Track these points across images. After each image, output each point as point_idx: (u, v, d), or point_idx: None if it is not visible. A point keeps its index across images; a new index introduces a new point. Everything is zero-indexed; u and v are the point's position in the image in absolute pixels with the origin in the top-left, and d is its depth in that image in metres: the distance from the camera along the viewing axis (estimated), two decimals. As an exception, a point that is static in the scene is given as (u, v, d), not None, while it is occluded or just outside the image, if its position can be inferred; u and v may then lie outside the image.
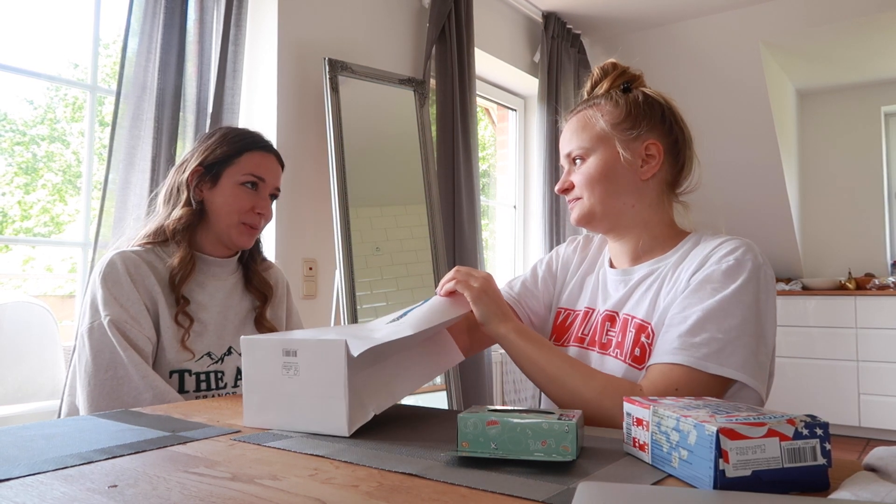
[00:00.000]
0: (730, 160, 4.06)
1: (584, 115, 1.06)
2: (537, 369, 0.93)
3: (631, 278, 1.04)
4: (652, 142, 1.03)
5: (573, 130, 1.07)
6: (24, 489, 0.55)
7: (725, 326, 0.87)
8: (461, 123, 2.86)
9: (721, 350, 0.86)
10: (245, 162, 1.29)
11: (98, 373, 1.11)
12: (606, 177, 1.02)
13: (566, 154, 1.08)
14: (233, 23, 2.09)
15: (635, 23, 3.81)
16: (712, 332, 0.87)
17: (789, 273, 4.63)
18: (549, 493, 0.53)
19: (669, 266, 0.99)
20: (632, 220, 1.04)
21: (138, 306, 1.17)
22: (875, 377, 3.84)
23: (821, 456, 0.53)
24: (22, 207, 2.90)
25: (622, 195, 1.02)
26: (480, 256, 2.91)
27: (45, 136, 2.78)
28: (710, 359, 0.85)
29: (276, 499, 0.52)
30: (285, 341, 0.79)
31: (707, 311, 0.88)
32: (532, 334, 0.95)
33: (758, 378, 0.87)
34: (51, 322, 1.87)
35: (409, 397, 2.35)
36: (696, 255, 0.97)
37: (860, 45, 3.83)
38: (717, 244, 0.97)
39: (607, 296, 1.07)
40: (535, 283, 1.20)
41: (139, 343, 1.14)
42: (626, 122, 1.03)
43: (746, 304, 0.89)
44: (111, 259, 1.19)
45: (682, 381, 0.85)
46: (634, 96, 1.05)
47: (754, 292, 0.90)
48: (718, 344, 0.86)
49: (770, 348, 0.92)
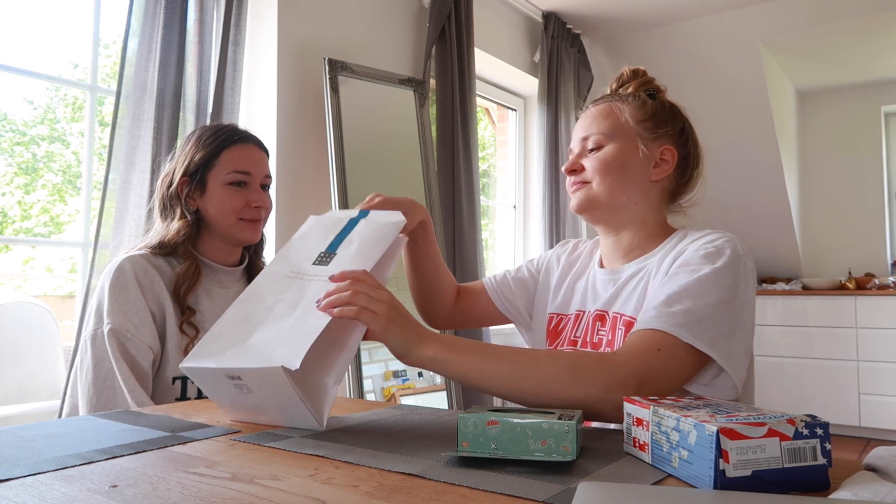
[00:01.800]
0: (730, 160, 4.06)
1: (609, 106, 1.06)
2: (489, 374, 0.80)
3: (619, 277, 1.04)
4: (668, 147, 1.04)
5: (594, 117, 1.06)
6: (24, 489, 0.55)
7: (701, 303, 0.85)
8: (461, 123, 2.86)
9: (694, 322, 0.83)
10: (225, 161, 1.27)
11: (97, 381, 1.13)
12: (621, 167, 1.02)
13: (582, 137, 1.06)
14: (233, 23, 2.09)
15: (635, 23, 3.81)
16: (687, 305, 0.85)
17: (789, 273, 4.63)
18: (549, 493, 0.53)
19: (655, 262, 1.00)
20: (630, 217, 1.05)
21: (143, 313, 1.17)
22: (875, 377, 3.84)
23: (821, 456, 0.53)
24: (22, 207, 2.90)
25: (629, 190, 1.03)
26: (480, 256, 2.91)
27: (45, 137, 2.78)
28: (685, 327, 0.83)
29: (276, 499, 0.52)
30: (225, 369, 0.75)
31: (684, 287, 0.87)
32: (462, 341, 0.83)
33: (729, 362, 0.84)
34: (51, 322, 1.87)
35: (409, 397, 2.35)
36: (682, 248, 0.97)
37: (860, 45, 3.83)
38: (699, 235, 0.98)
39: (597, 296, 1.07)
40: (517, 279, 1.21)
41: (138, 354, 1.15)
42: (650, 123, 1.04)
43: (723, 287, 0.87)
44: (121, 264, 1.19)
45: (662, 344, 0.82)
46: (661, 102, 1.07)
47: (732, 278, 0.89)
48: (692, 316, 0.84)
49: (748, 337, 0.89)
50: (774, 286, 4.28)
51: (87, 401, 1.13)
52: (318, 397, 0.78)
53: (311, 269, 0.85)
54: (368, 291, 0.79)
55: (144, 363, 1.15)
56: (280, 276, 0.85)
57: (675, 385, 0.83)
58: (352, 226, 0.90)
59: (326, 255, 0.87)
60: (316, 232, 0.92)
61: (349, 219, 0.92)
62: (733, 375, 0.85)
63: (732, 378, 0.85)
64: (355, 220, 0.92)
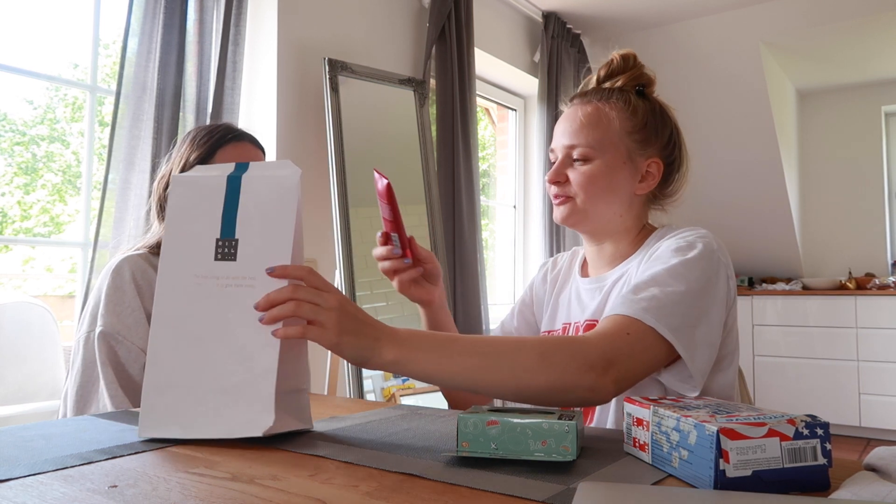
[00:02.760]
0: (730, 160, 4.06)
1: (598, 111, 1.01)
2: (454, 370, 0.75)
3: (605, 284, 1.03)
4: (655, 160, 1.02)
5: (582, 124, 1.00)
6: (24, 489, 0.55)
7: (668, 290, 0.84)
8: (461, 123, 2.86)
9: (659, 308, 0.83)
10: (220, 160, 1.25)
11: (83, 385, 1.14)
12: (608, 185, 1.00)
13: (569, 146, 1.01)
14: (233, 23, 2.09)
15: (635, 23, 3.81)
16: (654, 292, 0.84)
17: (789, 273, 4.63)
18: (549, 493, 0.53)
19: (635, 264, 1.00)
20: (616, 228, 1.04)
21: (137, 314, 1.17)
22: (875, 377, 3.84)
23: (821, 456, 0.53)
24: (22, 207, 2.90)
25: (615, 204, 1.02)
26: (480, 256, 2.91)
27: (44, 136, 2.78)
28: (650, 312, 0.82)
29: (276, 499, 0.52)
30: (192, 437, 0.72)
31: (652, 276, 0.87)
32: (423, 338, 0.76)
33: (689, 352, 0.82)
34: (51, 322, 1.87)
35: (409, 397, 2.35)
36: (657, 246, 0.97)
37: (860, 45, 3.83)
38: (676, 233, 0.97)
39: (584, 306, 1.06)
40: (521, 319, 1.20)
41: (127, 359, 1.14)
42: (640, 134, 1.01)
43: (692, 279, 0.87)
44: (118, 264, 1.19)
45: (631, 329, 0.81)
46: (651, 106, 1.03)
47: (704, 270, 0.88)
48: (658, 302, 0.83)
49: (714, 331, 0.87)
50: (774, 286, 4.28)
51: (73, 403, 1.13)
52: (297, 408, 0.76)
53: (217, 268, 0.73)
54: (313, 298, 0.70)
55: (132, 368, 1.15)
56: (188, 283, 0.73)
57: (644, 370, 0.82)
58: (235, 192, 0.74)
59: (227, 244, 0.73)
60: (195, 207, 0.75)
61: (227, 179, 0.75)
62: (691, 366, 0.83)
63: (689, 368, 0.83)
64: (235, 180, 0.75)
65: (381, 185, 0.91)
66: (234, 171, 0.76)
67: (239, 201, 0.74)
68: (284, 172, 0.74)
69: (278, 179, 0.74)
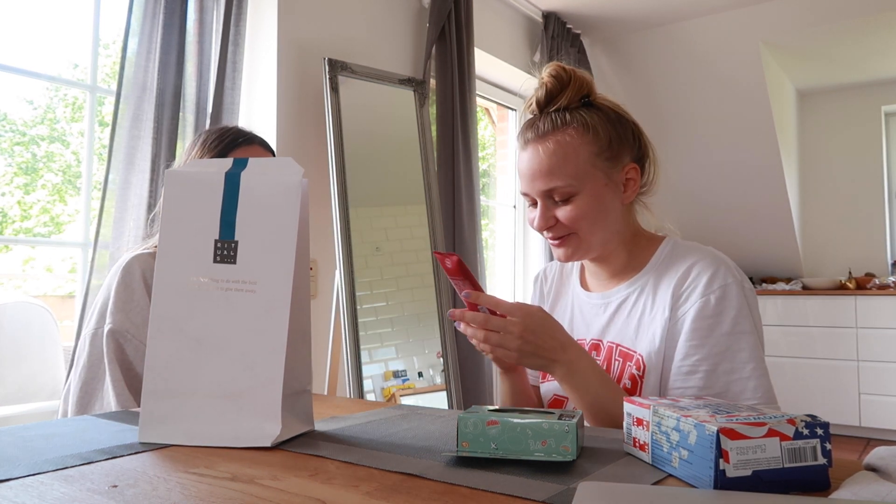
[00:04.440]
0: (730, 160, 4.06)
1: (559, 146, 0.95)
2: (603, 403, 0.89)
3: (610, 302, 1.02)
4: (631, 166, 1.00)
5: (551, 165, 0.95)
6: (24, 489, 0.55)
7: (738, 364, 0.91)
8: (461, 123, 2.86)
9: (766, 392, 0.92)
10: None
11: (88, 381, 1.13)
12: (601, 212, 0.98)
13: (546, 190, 0.96)
14: (233, 23, 2.09)
15: (635, 23, 3.81)
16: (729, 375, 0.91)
17: (789, 273, 4.63)
18: (549, 493, 0.53)
19: (648, 288, 0.99)
20: (615, 244, 1.03)
21: (146, 313, 1.16)
22: (875, 377, 3.84)
23: (821, 456, 0.53)
24: (22, 207, 2.90)
25: (612, 224, 1.00)
26: (480, 256, 2.91)
27: (44, 137, 2.78)
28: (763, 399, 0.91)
29: (276, 499, 0.52)
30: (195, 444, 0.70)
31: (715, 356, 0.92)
32: (587, 367, 0.90)
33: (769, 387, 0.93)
34: (51, 322, 1.87)
35: (409, 397, 2.35)
36: (673, 275, 0.96)
37: (860, 45, 3.83)
38: (691, 264, 0.96)
39: (588, 323, 1.05)
40: None
41: (135, 357, 1.14)
42: (608, 152, 0.97)
43: (748, 331, 0.92)
44: (129, 262, 1.19)
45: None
46: (605, 115, 0.98)
47: (748, 315, 0.93)
48: (739, 385, 0.91)
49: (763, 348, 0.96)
50: (774, 286, 4.28)
51: (76, 399, 1.13)
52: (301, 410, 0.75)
53: (216, 270, 0.70)
54: (499, 341, 0.86)
55: (140, 367, 1.15)
56: (186, 285, 0.71)
57: None
58: (234, 190, 0.71)
59: (226, 246, 0.71)
60: (192, 205, 0.72)
61: (224, 176, 0.72)
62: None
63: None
64: (234, 177, 0.72)
65: (451, 262, 0.88)
66: (232, 168, 0.72)
67: (238, 201, 0.71)
68: (286, 172, 0.71)
69: (280, 179, 0.71)
